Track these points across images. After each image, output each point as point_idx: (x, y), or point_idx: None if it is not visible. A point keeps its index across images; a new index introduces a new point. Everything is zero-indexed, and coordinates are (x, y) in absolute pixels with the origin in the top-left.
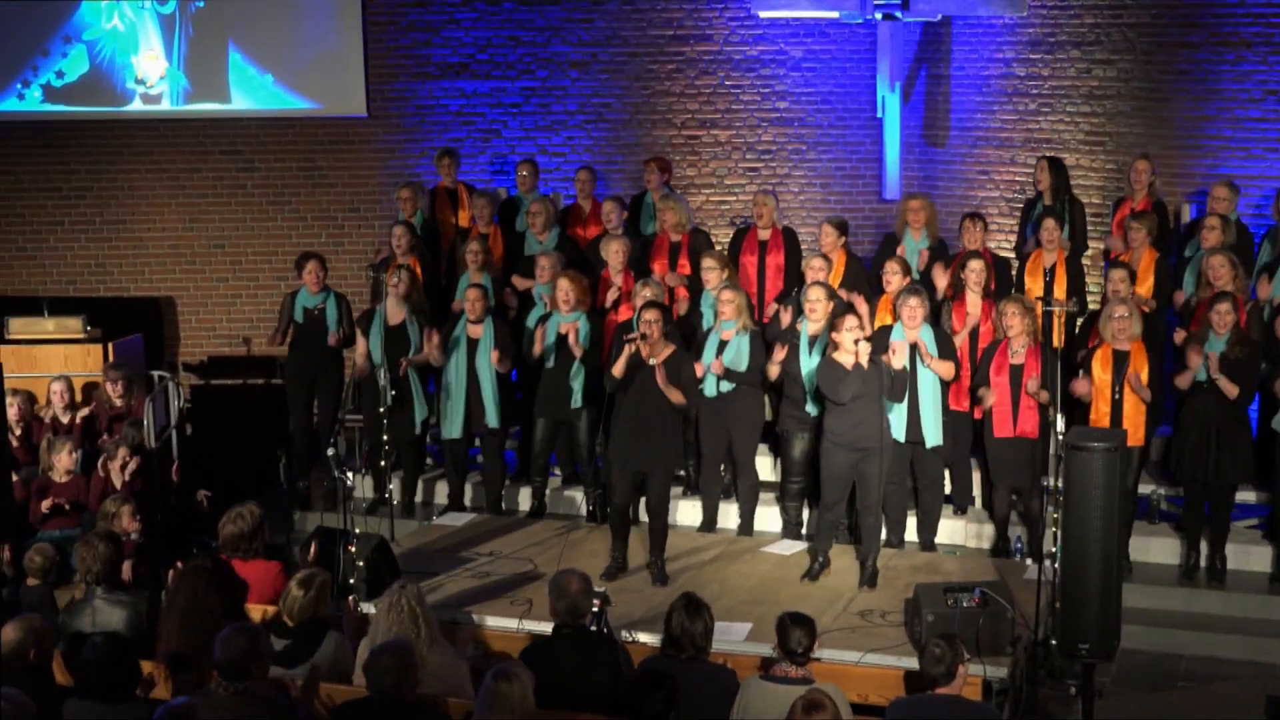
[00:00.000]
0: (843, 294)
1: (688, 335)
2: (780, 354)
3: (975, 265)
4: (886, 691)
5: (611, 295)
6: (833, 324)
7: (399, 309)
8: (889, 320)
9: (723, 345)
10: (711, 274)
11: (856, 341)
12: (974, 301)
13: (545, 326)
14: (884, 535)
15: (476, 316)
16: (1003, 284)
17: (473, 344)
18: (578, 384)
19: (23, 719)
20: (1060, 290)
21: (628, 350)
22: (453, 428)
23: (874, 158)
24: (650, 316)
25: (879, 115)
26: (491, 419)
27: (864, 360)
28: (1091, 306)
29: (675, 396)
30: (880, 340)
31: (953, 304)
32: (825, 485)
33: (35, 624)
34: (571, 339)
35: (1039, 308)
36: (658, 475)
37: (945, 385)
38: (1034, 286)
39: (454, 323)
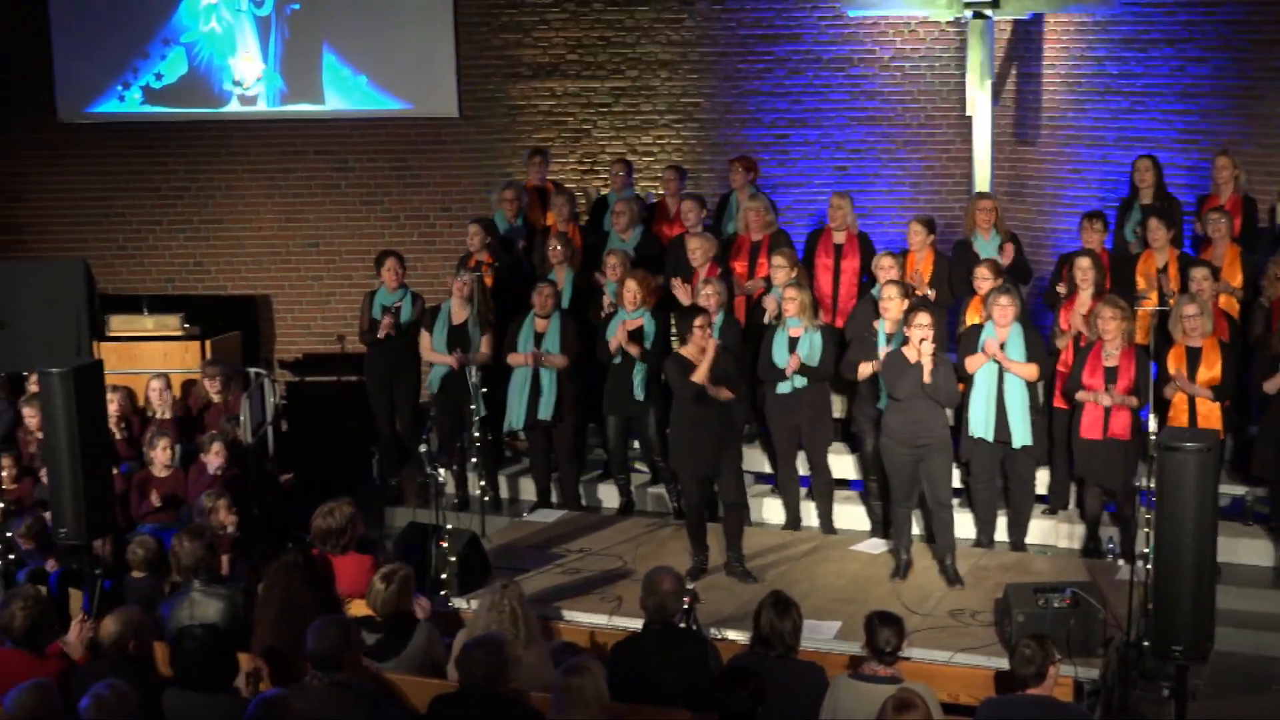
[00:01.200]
0: (931, 294)
1: (760, 332)
2: (874, 367)
3: (1083, 263)
4: (976, 691)
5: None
6: (906, 319)
7: (463, 309)
8: (980, 319)
9: (793, 342)
10: (780, 272)
11: (921, 341)
12: (1084, 301)
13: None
14: (974, 534)
15: (545, 311)
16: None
17: (538, 337)
18: (639, 380)
19: (126, 709)
20: (1174, 290)
21: (712, 356)
22: (514, 419)
23: (964, 156)
24: (699, 323)
25: (968, 114)
26: (544, 411)
27: (926, 360)
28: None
29: (724, 395)
30: (970, 339)
31: (1063, 303)
32: (890, 482)
33: (134, 616)
34: (620, 338)
35: (1146, 305)
36: (726, 475)
37: (1035, 385)
38: (1146, 287)
39: (524, 316)
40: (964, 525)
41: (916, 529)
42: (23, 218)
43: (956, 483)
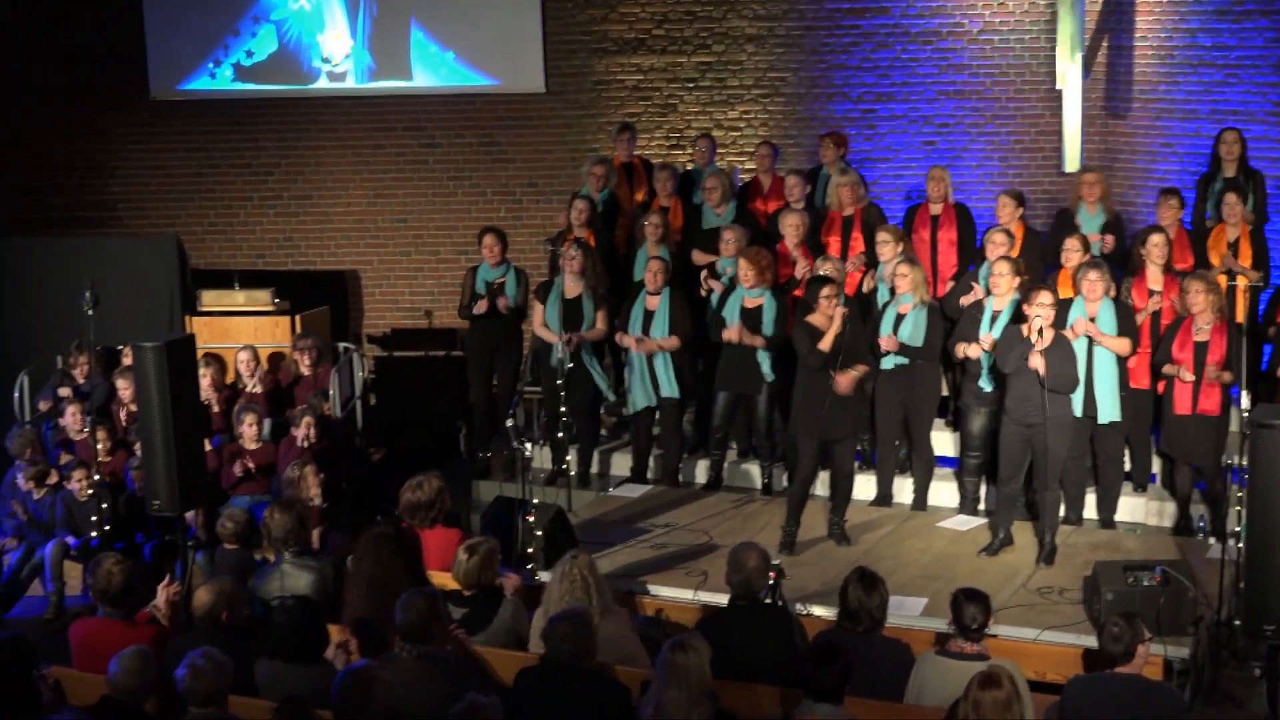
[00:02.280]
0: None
1: (866, 310)
2: (975, 350)
3: (1157, 240)
4: (1064, 669)
5: (800, 270)
6: (1027, 296)
7: (576, 284)
8: (1069, 294)
9: (899, 319)
10: (886, 248)
11: (1038, 319)
12: (1155, 276)
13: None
14: (1063, 512)
15: (655, 288)
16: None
17: (649, 315)
18: (765, 359)
19: (221, 678)
20: (1245, 265)
21: (836, 327)
22: (637, 399)
23: (1053, 130)
24: (826, 292)
25: (1058, 87)
26: (667, 390)
27: (1037, 343)
28: None
29: (855, 372)
30: (1060, 315)
31: (1134, 280)
32: (1000, 460)
33: (226, 587)
34: (737, 332)
35: (1224, 283)
36: (846, 443)
37: (1124, 361)
38: (1216, 261)
39: (635, 294)
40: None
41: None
42: (117, 194)
43: None
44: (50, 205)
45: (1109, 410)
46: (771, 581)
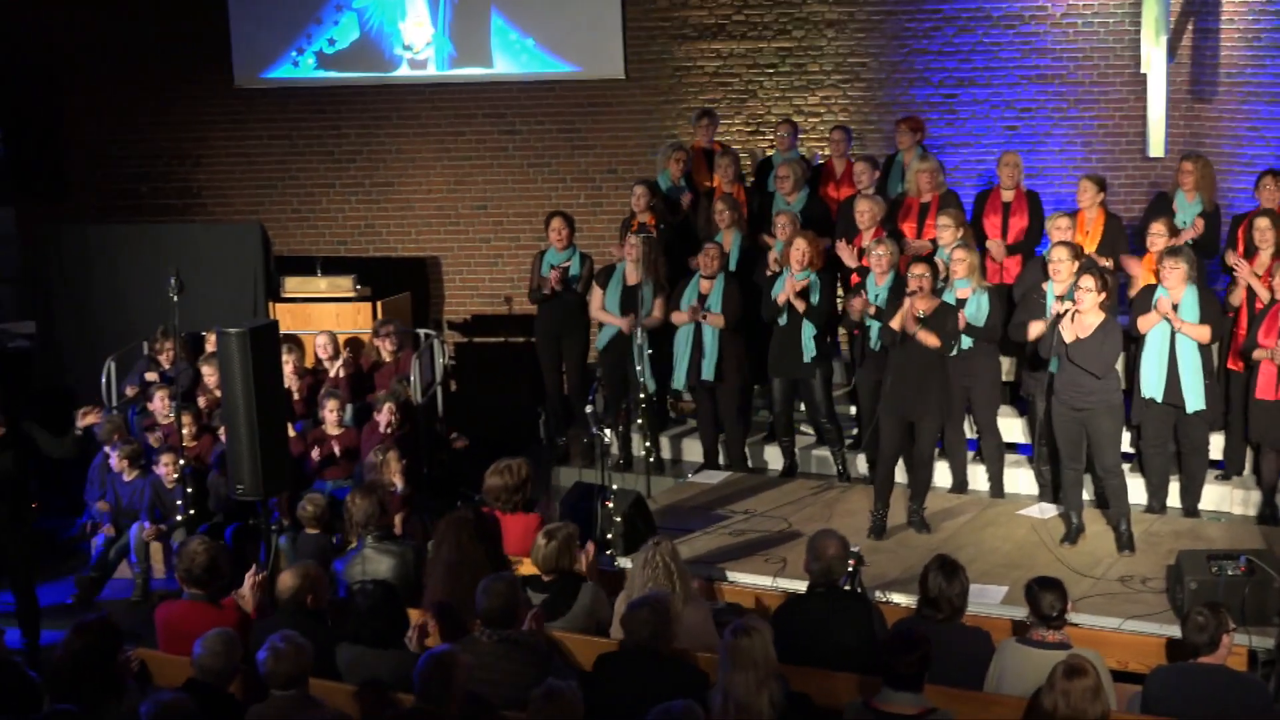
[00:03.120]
0: (1100, 260)
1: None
2: (1044, 327)
3: (1262, 223)
4: (1147, 659)
5: (849, 257)
6: (1076, 280)
7: (636, 271)
8: (1153, 280)
9: (959, 304)
10: (946, 232)
11: (1070, 312)
12: (1263, 261)
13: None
14: (1145, 500)
15: (710, 272)
16: None
17: (702, 299)
18: (808, 340)
19: (302, 660)
20: None
21: (906, 305)
22: (677, 379)
23: (1137, 115)
24: (919, 271)
25: (1143, 71)
26: (706, 372)
27: (1066, 324)
28: None
29: (930, 340)
30: (1144, 299)
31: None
32: (1057, 443)
33: (311, 571)
34: (790, 292)
35: None
36: (927, 423)
37: (1209, 348)
38: None
39: (690, 277)
40: (1136, 490)
41: (1087, 494)
42: (201, 182)
43: (1128, 447)
44: (137, 193)
45: (1193, 398)
46: (851, 569)
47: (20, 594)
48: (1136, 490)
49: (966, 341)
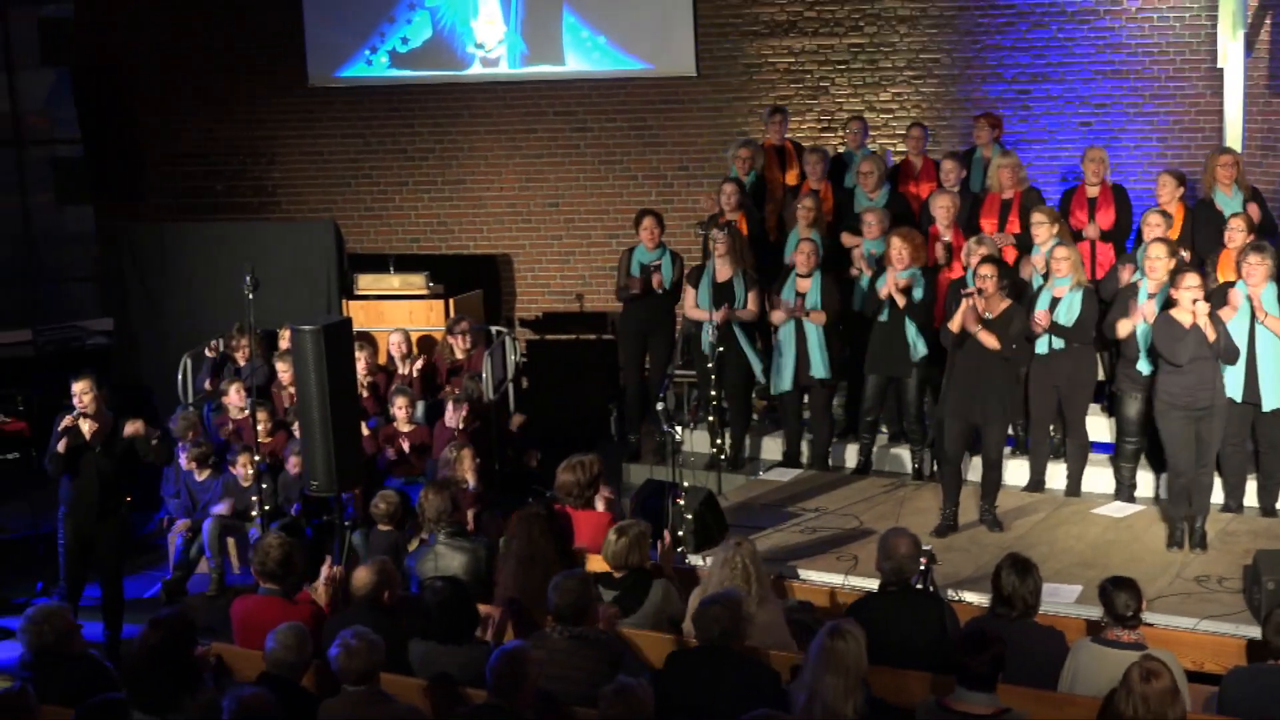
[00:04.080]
0: (1182, 252)
1: (1019, 293)
2: (1149, 309)
3: None
4: (1223, 660)
5: (940, 252)
6: (1173, 281)
7: (726, 266)
8: (1231, 276)
9: (1055, 302)
10: (1041, 229)
11: (1195, 301)
12: None
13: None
14: (1221, 499)
15: (806, 270)
16: None
17: (800, 298)
18: (916, 339)
19: (374, 657)
20: None
21: (965, 306)
22: (783, 381)
23: (1214, 110)
24: (986, 271)
25: (1219, 65)
26: (818, 370)
27: (1204, 321)
28: None
29: (989, 341)
30: (1220, 296)
31: None
32: (1168, 450)
33: (385, 567)
34: (892, 288)
35: None
36: (993, 428)
37: None
38: None
39: (785, 277)
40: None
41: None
42: (276, 180)
43: None
44: (212, 191)
45: (1272, 396)
46: (923, 567)
47: (107, 587)
48: (1214, 489)
49: (1058, 342)
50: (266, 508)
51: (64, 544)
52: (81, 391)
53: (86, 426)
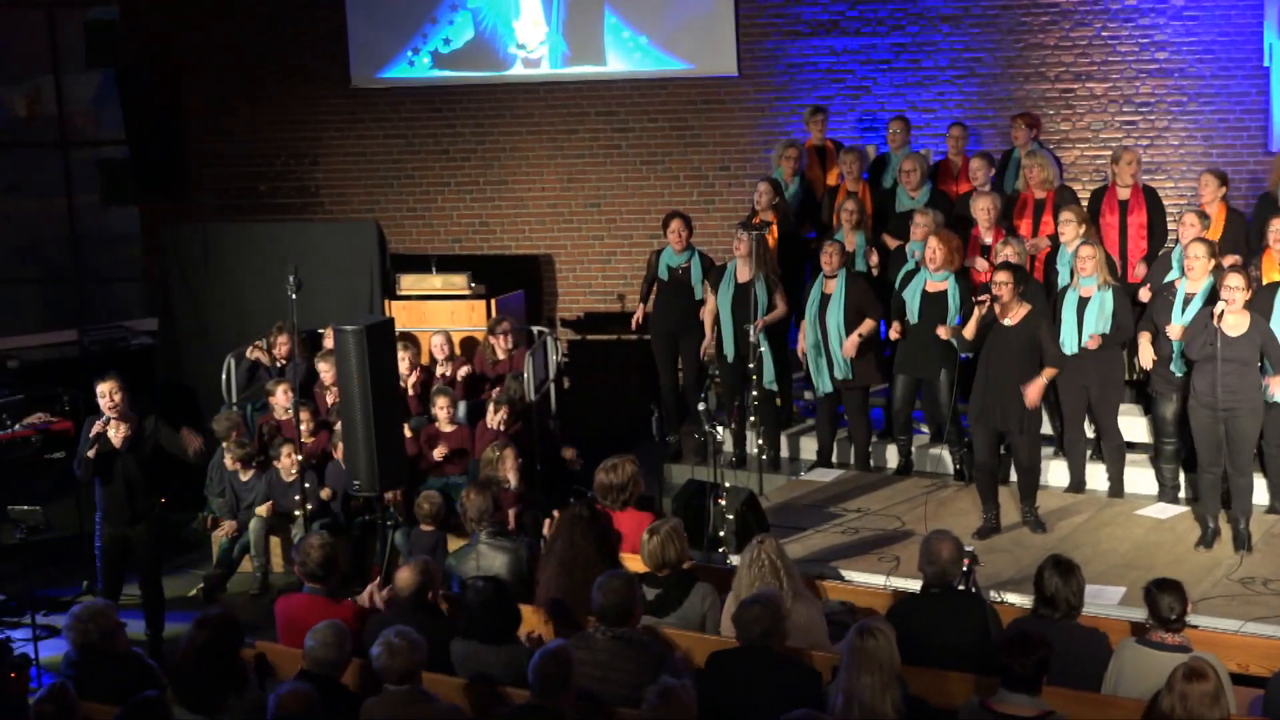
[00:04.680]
0: (1224, 258)
1: (1048, 293)
2: (1173, 335)
3: None
4: (1269, 662)
5: (980, 258)
6: (1217, 280)
7: (746, 268)
8: (1276, 277)
9: (1083, 303)
10: (1068, 228)
11: (1226, 303)
12: None
13: (911, 284)
14: (1267, 501)
15: (831, 271)
16: None
17: (825, 299)
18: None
19: (416, 656)
20: None
21: (978, 312)
22: (823, 382)
23: (1260, 109)
24: (1002, 278)
25: (1266, 64)
26: (841, 372)
27: (1221, 323)
28: None
29: (1043, 381)
30: (1265, 298)
31: None
32: (1196, 446)
33: (429, 567)
34: (947, 333)
35: None
36: (1019, 437)
37: None
38: None
39: (814, 278)
40: (1257, 491)
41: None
42: (319, 181)
43: None
44: (256, 192)
45: None
46: (965, 568)
47: (147, 587)
48: (1258, 491)
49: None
50: (309, 506)
51: (100, 547)
52: (110, 391)
53: (115, 432)
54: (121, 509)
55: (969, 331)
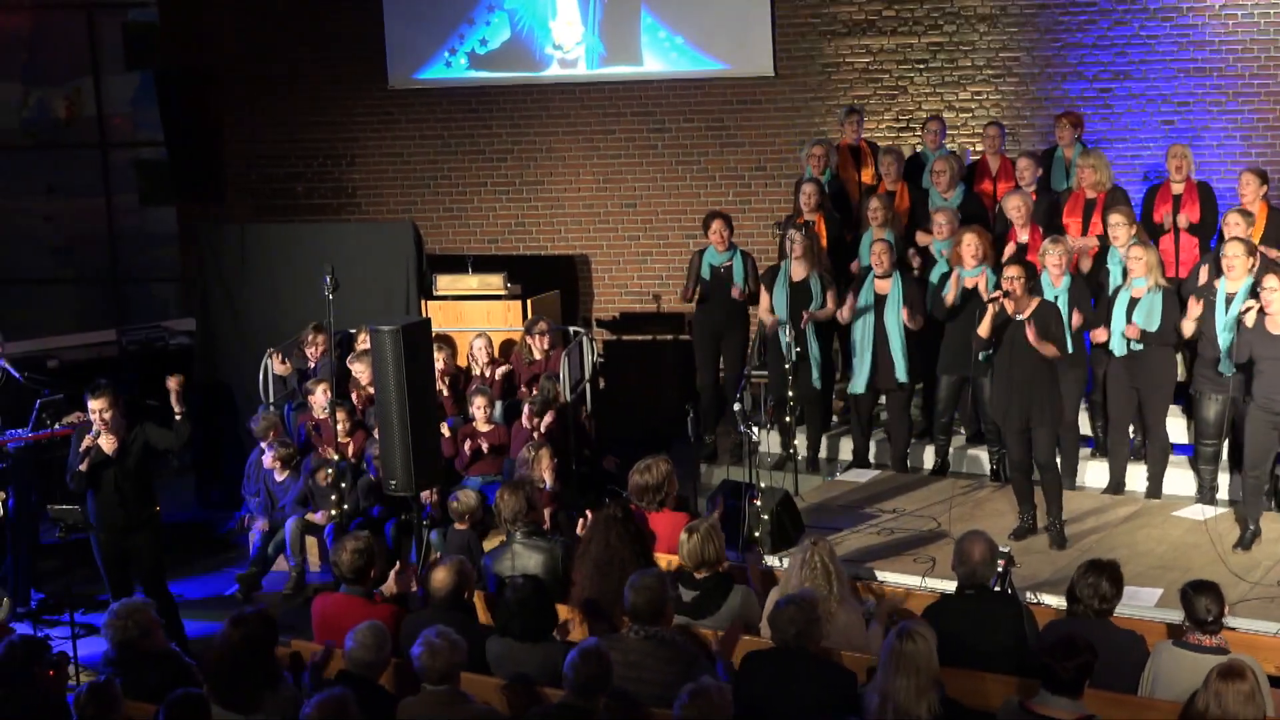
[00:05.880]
0: (1267, 251)
1: (1095, 293)
2: (1196, 310)
3: None
4: None
5: (1009, 251)
6: (1258, 281)
7: (801, 267)
8: None
9: (1133, 303)
10: (1120, 229)
11: (1255, 305)
12: None
13: (950, 282)
14: None
15: (883, 271)
16: None
17: (880, 299)
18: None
19: (456, 656)
20: None
21: (991, 310)
22: (858, 383)
23: None
24: (1012, 273)
25: None
26: (901, 374)
27: (1249, 319)
28: None
29: (1049, 351)
30: None
31: None
32: (1246, 448)
33: (464, 567)
34: (955, 290)
35: None
36: (1040, 431)
37: None
38: None
39: (862, 278)
40: None
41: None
42: (355, 181)
43: None
44: (293, 193)
45: None
46: (1001, 569)
47: (155, 598)
48: None
49: (1136, 344)
50: (345, 506)
51: (99, 554)
52: (101, 410)
53: (107, 444)
54: (115, 517)
55: (984, 330)
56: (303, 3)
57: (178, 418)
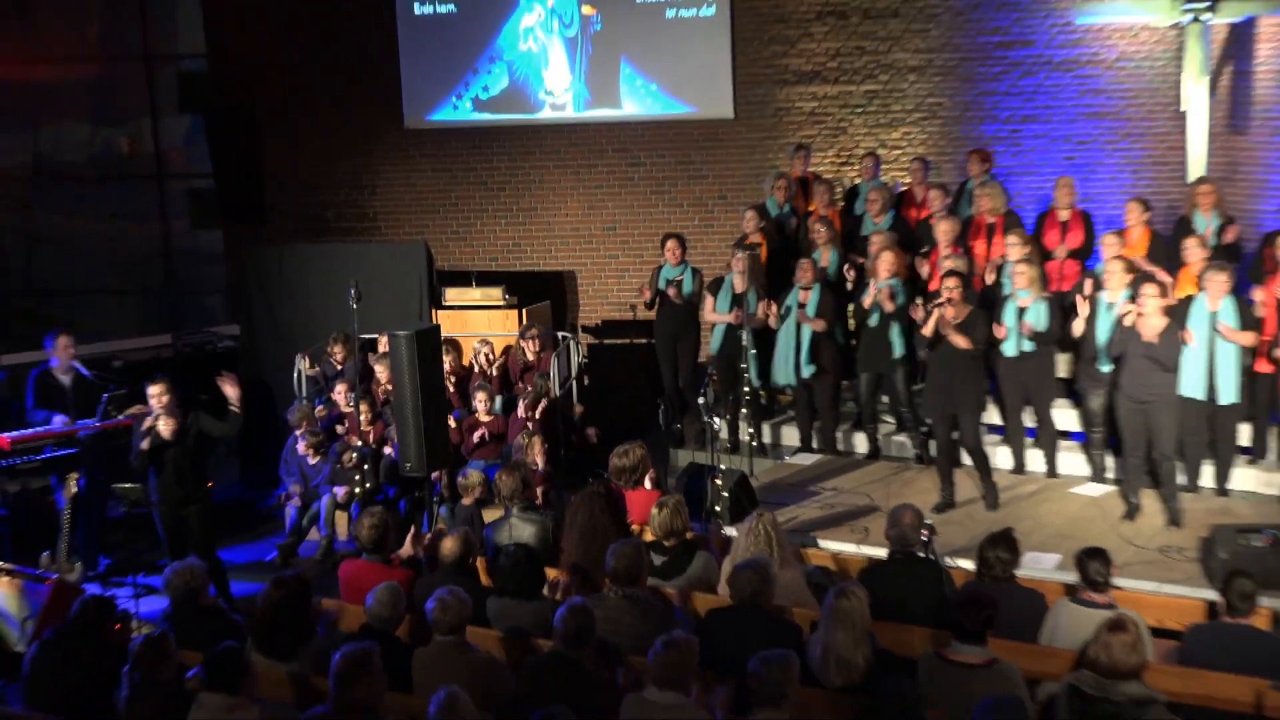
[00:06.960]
0: (1146, 265)
1: (990, 303)
2: (1084, 309)
3: None
4: (1182, 618)
5: (927, 267)
6: (1137, 290)
7: (742, 281)
8: (1192, 291)
9: (1022, 311)
10: (1014, 249)
11: (1133, 309)
12: None
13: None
14: (1183, 480)
15: (806, 283)
16: None
17: (801, 307)
18: (896, 339)
19: (463, 611)
20: None
21: (935, 314)
22: (785, 375)
23: (1179, 146)
24: (950, 284)
25: (1182, 109)
26: (804, 370)
27: (1129, 320)
28: None
29: (960, 341)
30: (1183, 310)
31: (1267, 279)
32: (1120, 433)
33: (469, 537)
34: (873, 296)
35: None
36: (966, 418)
37: (1244, 349)
38: None
39: (790, 289)
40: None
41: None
42: (376, 207)
43: None
44: (323, 218)
45: (1228, 393)
46: (925, 538)
47: (206, 562)
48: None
49: (1028, 345)
50: (367, 485)
51: (161, 524)
52: (160, 393)
53: (165, 427)
54: (173, 491)
55: (928, 330)
56: (331, 55)
57: (235, 410)
